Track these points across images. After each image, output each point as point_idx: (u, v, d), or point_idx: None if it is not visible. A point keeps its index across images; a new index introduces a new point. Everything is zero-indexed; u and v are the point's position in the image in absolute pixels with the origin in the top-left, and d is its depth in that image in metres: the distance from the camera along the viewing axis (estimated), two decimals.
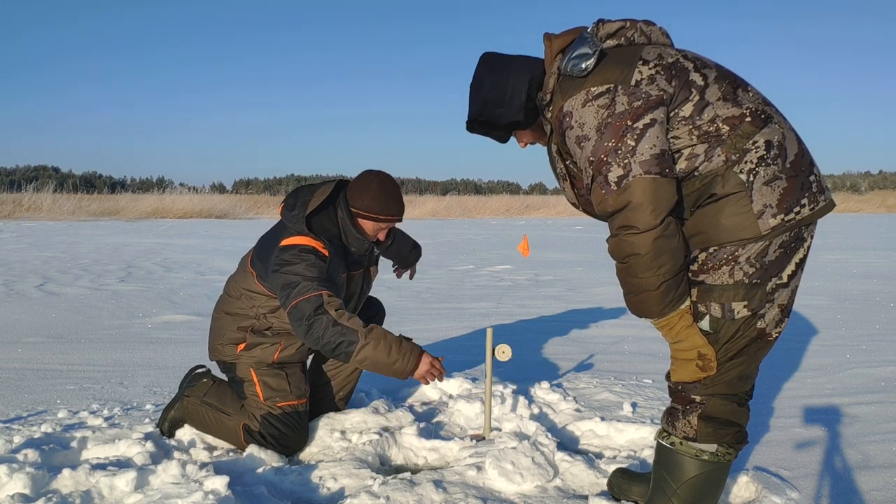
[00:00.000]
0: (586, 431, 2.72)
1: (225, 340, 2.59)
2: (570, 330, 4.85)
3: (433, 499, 2.07)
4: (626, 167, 1.61)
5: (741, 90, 1.70)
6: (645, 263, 1.64)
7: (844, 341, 4.47)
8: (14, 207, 22.54)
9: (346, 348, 2.22)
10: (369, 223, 2.52)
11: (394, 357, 2.24)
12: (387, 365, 2.25)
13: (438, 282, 7.74)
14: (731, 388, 1.76)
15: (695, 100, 1.66)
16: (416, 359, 2.27)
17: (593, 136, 1.66)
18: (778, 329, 1.74)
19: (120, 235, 14.99)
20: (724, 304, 1.69)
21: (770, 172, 1.63)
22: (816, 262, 9.72)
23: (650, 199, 1.60)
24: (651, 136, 1.62)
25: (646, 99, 1.64)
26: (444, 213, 30.49)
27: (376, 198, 2.49)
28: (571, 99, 1.71)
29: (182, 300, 6.13)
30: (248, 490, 2.10)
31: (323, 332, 2.22)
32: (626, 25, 1.80)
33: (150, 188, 40.57)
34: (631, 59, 1.71)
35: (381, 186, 2.51)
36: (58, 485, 2.10)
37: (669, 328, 1.74)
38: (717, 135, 1.65)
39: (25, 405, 3.05)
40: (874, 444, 2.59)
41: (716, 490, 1.83)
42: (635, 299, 1.73)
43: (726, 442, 1.77)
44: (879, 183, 60.47)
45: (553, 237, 15.92)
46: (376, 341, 2.23)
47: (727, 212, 1.65)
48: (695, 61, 1.72)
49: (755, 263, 1.66)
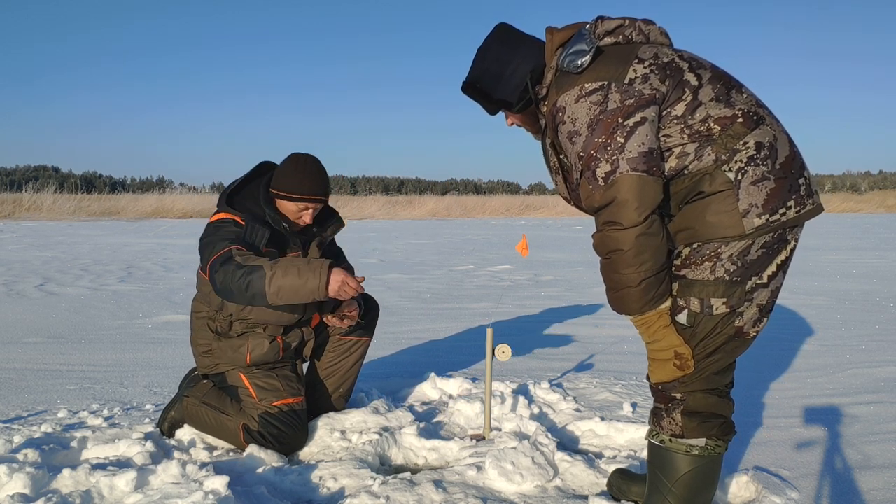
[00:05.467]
0: (586, 431, 2.72)
1: (200, 349, 2.62)
2: (570, 330, 4.85)
3: (433, 499, 2.07)
4: (613, 163, 1.64)
5: (735, 91, 1.72)
6: (627, 260, 1.66)
7: (844, 341, 4.47)
8: (14, 207, 22.54)
9: (256, 284, 2.20)
10: (288, 203, 2.50)
11: (305, 276, 2.22)
12: (300, 286, 2.22)
13: (438, 282, 7.74)
14: (709, 384, 1.77)
15: (688, 99, 1.68)
16: (325, 274, 2.24)
17: (584, 132, 1.69)
18: (756, 328, 1.75)
19: (120, 235, 14.99)
20: (704, 300, 1.70)
21: (759, 172, 1.65)
22: (816, 262, 9.72)
23: (636, 195, 1.62)
24: (640, 134, 1.64)
25: (638, 97, 1.66)
26: (444, 213, 30.49)
27: (293, 176, 2.47)
28: (565, 94, 1.73)
29: (182, 300, 6.13)
30: (248, 490, 2.10)
31: (231, 277, 2.22)
32: (624, 24, 1.81)
33: (150, 188, 40.63)
34: (627, 57, 1.72)
35: (300, 165, 2.49)
36: (58, 485, 2.10)
37: (647, 326, 1.76)
38: (707, 134, 1.67)
39: (25, 405, 3.05)
40: (874, 444, 2.59)
41: (710, 484, 1.84)
42: (616, 295, 1.75)
43: (714, 435, 1.78)
44: (879, 183, 60.48)
45: (553, 237, 15.93)
46: (283, 268, 2.22)
47: (713, 209, 1.67)
48: (690, 62, 1.74)
49: (737, 261, 1.68)
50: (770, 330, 4.84)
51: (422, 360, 3.94)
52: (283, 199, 2.50)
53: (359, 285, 2.33)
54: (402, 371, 3.66)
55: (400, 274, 8.43)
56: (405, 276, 8.27)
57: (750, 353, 4.03)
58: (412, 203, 32.15)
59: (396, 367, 3.76)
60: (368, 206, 28.25)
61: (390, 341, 4.38)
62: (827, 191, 51.96)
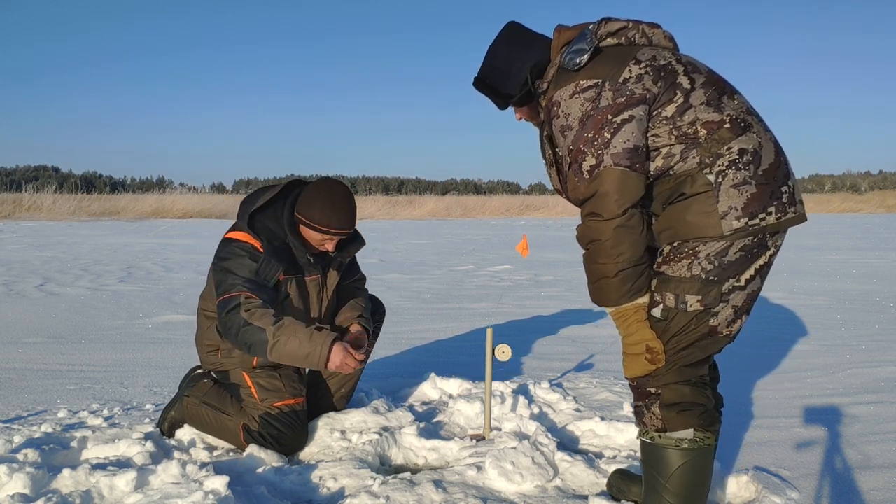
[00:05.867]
0: (586, 431, 2.72)
1: (206, 349, 2.62)
2: (570, 330, 4.85)
3: (433, 499, 2.07)
4: (598, 157, 1.71)
5: (726, 97, 1.77)
6: (604, 250, 1.74)
7: (844, 341, 4.47)
8: (14, 207, 22.53)
9: (257, 348, 2.27)
10: (312, 232, 2.45)
11: (305, 350, 2.26)
12: (301, 358, 2.27)
13: (438, 282, 7.74)
14: (681, 375, 1.81)
15: (678, 101, 1.74)
16: (327, 349, 2.27)
17: (576, 126, 1.76)
18: (729, 329, 1.79)
19: (120, 235, 14.99)
20: (679, 296, 1.75)
21: (740, 177, 1.69)
22: (816, 262, 9.72)
23: (616, 189, 1.69)
24: (626, 131, 1.70)
25: (629, 96, 1.72)
26: (444, 213, 30.50)
27: (322, 208, 2.40)
28: (562, 90, 1.80)
29: (182, 300, 6.13)
30: (248, 490, 2.10)
31: (236, 331, 2.28)
32: (628, 26, 1.86)
33: (150, 188, 40.65)
34: (625, 57, 1.78)
35: (329, 196, 2.42)
36: (58, 485, 2.10)
37: (623, 319, 1.81)
38: (694, 137, 1.72)
39: (25, 405, 3.05)
40: (874, 444, 2.59)
41: (704, 479, 1.86)
42: (595, 286, 1.83)
43: (699, 425, 1.80)
44: (879, 183, 60.49)
45: (553, 237, 15.93)
46: (286, 338, 2.25)
47: (693, 209, 1.72)
48: (686, 65, 1.79)
49: (714, 261, 1.72)
50: (770, 330, 4.85)
51: (422, 360, 3.94)
52: (308, 229, 2.45)
53: (360, 360, 2.36)
54: (402, 371, 3.66)
55: (400, 274, 8.43)
56: (405, 276, 8.28)
57: (750, 353, 4.05)
58: (412, 203, 32.15)
59: (396, 367, 3.76)
60: (368, 206, 28.24)
61: (390, 341, 4.38)
62: (827, 191, 51.98)
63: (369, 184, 79.41)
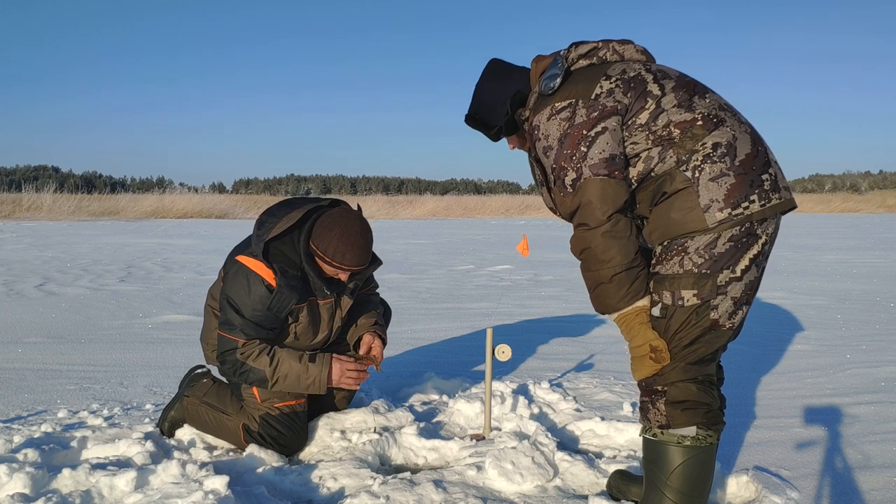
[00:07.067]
0: (586, 431, 2.72)
1: (211, 347, 2.62)
2: (570, 330, 4.85)
3: (433, 499, 2.07)
4: (578, 171, 1.80)
5: (697, 97, 1.83)
6: (595, 257, 1.81)
7: (844, 341, 4.47)
8: (14, 207, 22.54)
9: (260, 384, 2.41)
10: (325, 265, 2.41)
11: (305, 383, 2.39)
12: (304, 389, 2.41)
13: (438, 282, 7.74)
14: (687, 374, 1.82)
15: (650, 108, 1.81)
16: (327, 371, 2.40)
17: (555, 146, 1.86)
18: (731, 320, 1.81)
19: (120, 235, 15.00)
20: (675, 292, 1.78)
21: (716, 169, 1.74)
22: (816, 262, 9.73)
23: (598, 197, 1.77)
24: (601, 143, 1.78)
25: (601, 109, 1.81)
26: (444, 213, 30.52)
27: (337, 245, 2.34)
28: (540, 114, 1.90)
29: (182, 300, 6.14)
30: (248, 490, 2.10)
31: (234, 371, 2.40)
32: (598, 46, 1.97)
33: (150, 188, 40.65)
34: (595, 76, 1.87)
35: (345, 232, 2.35)
36: (58, 484, 2.10)
37: (626, 324, 1.85)
38: (669, 138, 1.79)
39: (25, 405, 3.05)
40: (874, 444, 2.59)
41: (705, 479, 1.86)
42: (594, 294, 1.88)
43: (702, 423, 1.81)
44: (879, 183, 60.51)
45: (553, 237, 15.93)
46: (284, 376, 2.37)
47: (676, 206, 1.77)
48: (656, 73, 1.87)
49: (703, 254, 1.75)
50: (770, 330, 4.85)
51: (422, 360, 3.94)
52: (321, 262, 2.41)
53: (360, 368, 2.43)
54: (402, 371, 3.66)
55: (400, 274, 8.43)
56: (405, 276, 8.28)
57: (750, 353, 4.05)
58: (412, 203, 32.19)
59: (396, 367, 3.76)
60: (368, 206, 28.25)
61: (390, 341, 4.35)
62: (827, 191, 51.96)
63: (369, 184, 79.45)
